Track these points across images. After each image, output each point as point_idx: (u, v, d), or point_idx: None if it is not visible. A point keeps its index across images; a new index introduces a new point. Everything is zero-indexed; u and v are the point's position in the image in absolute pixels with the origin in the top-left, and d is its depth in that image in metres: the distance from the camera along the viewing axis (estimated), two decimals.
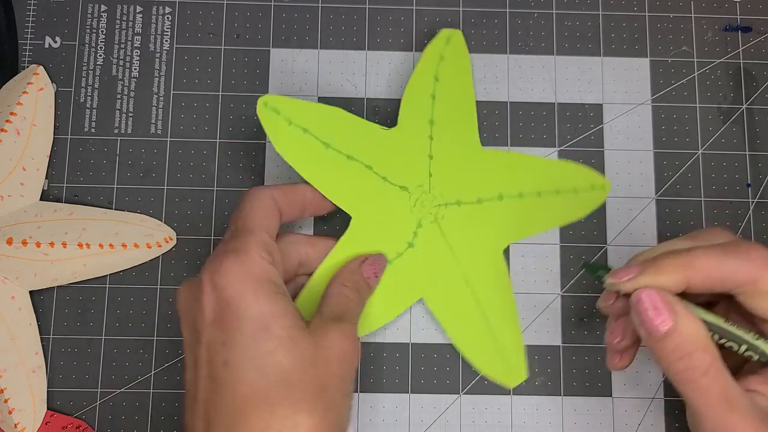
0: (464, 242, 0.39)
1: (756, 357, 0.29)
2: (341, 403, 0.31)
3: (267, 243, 0.32)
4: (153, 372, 0.39)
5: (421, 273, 0.38)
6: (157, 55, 0.42)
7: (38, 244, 0.37)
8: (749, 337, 0.29)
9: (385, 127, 0.39)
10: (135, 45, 0.42)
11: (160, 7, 0.42)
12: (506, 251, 0.40)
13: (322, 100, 0.41)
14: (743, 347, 0.29)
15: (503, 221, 0.39)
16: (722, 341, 0.29)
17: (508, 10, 0.42)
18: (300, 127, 0.37)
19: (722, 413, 0.28)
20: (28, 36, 0.41)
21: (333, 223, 0.40)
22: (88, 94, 0.41)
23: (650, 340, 0.29)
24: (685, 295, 0.30)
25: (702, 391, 0.28)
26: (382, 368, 0.39)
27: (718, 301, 0.32)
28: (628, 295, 0.30)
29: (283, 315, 0.29)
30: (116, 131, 0.41)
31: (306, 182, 0.37)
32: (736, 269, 0.29)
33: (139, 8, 0.42)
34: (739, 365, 0.31)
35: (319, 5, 0.42)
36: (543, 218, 0.39)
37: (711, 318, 0.30)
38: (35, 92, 0.40)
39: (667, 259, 0.30)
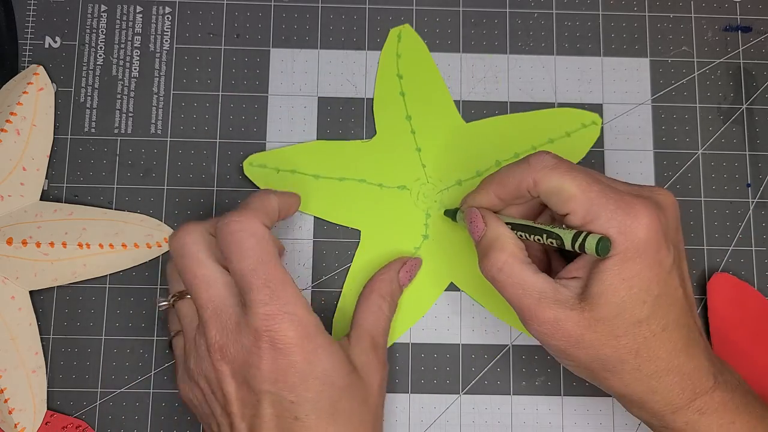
0: None
1: (555, 243, 0.32)
2: (383, 422, 0.35)
3: (296, 285, 0.32)
4: (153, 372, 0.39)
5: (444, 259, 0.39)
6: (157, 55, 0.42)
7: (38, 244, 0.37)
8: (548, 227, 0.32)
9: (365, 140, 0.40)
10: (135, 45, 0.42)
11: (160, 7, 0.42)
12: None
13: (322, 100, 0.41)
14: (545, 236, 0.32)
15: None
16: (532, 237, 0.33)
17: (508, 10, 0.42)
18: (288, 171, 0.40)
19: (517, 300, 0.32)
20: (28, 36, 0.41)
21: (333, 222, 0.40)
22: (88, 94, 0.41)
23: (475, 247, 0.35)
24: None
25: (499, 284, 0.33)
26: None
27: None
28: None
29: (341, 366, 0.32)
30: (116, 131, 0.41)
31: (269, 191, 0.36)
32: (521, 176, 0.33)
33: (139, 8, 0.42)
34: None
35: (319, 5, 0.42)
36: None
37: (518, 222, 0.34)
38: (35, 92, 0.40)
39: (482, 180, 0.35)
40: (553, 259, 0.36)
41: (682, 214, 0.40)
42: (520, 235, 0.33)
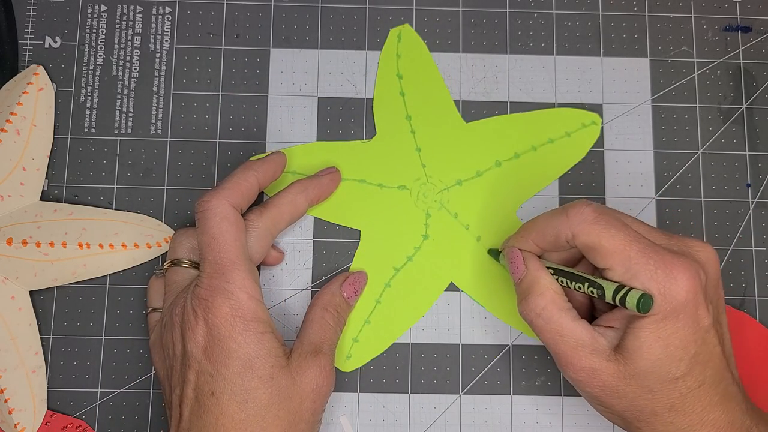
0: (476, 217, 0.40)
1: (596, 292, 0.32)
2: (313, 429, 0.34)
3: (251, 272, 0.34)
4: (153, 372, 0.39)
5: (444, 259, 0.39)
6: (157, 55, 0.42)
7: (38, 244, 0.37)
8: (590, 277, 0.32)
9: (365, 140, 0.40)
10: (135, 45, 0.42)
11: (160, 7, 0.42)
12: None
13: (322, 100, 0.41)
14: (586, 285, 0.32)
15: (507, 186, 0.40)
16: (572, 285, 0.33)
17: (508, 10, 0.42)
18: (288, 172, 0.40)
19: (555, 346, 0.32)
20: (28, 36, 0.41)
21: (333, 222, 0.40)
22: (88, 94, 0.41)
23: (515, 288, 0.35)
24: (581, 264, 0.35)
25: (537, 328, 0.33)
26: (382, 368, 0.39)
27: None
28: None
29: (267, 355, 0.32)
30: (116, 131, 0.41)
31: (251, 167, 0.36)
32: (559, 227, 0.33)
33: (139, 8, 0.42)
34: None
35: (319, 5, 0.42)
36: (545, 170, 0.40)
37: (559, 267, 0.34)
38: (35, 92, 0.40)
39: (522, 225, 0.36)
40: (594, 302, 0.36)
41: (682, 215, 0.41)
42: (561, 281, 0.34)
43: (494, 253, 0.39)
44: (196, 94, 0.41)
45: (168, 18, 0.42)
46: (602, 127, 0.41)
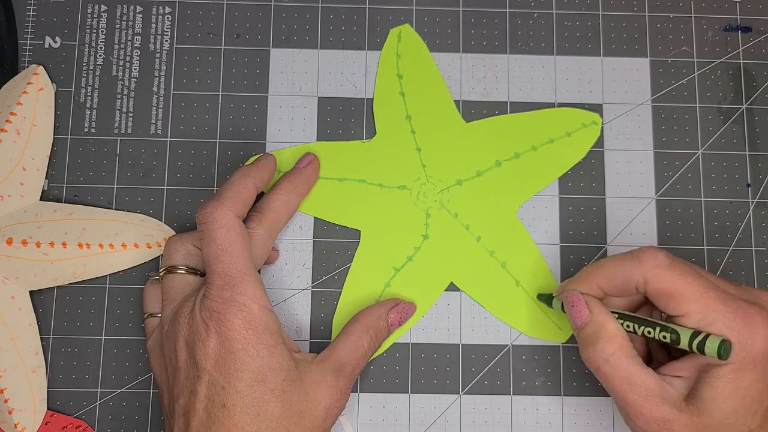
0: (476, 217, 0.40)
1: (669, 337, 0.31)
2: None
3: (260, 282, 0.33)
4: (152, 374, 0.39)
5: (444, 259, 0.39)
6: (157, 55, 0.42)
7: (38, 244, 0.37)
8: (662, 322, 0.32)
9: (365, 140, 0.40)
10: (135, 45, 0.42)
11: (160, 7, 0.42)
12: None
13: (322, 100, 0.41)
14: (657, 330, 0.32)
15: (507, 185, 0.40)
16: (641, 330, 0.32)
17: (508, 10, 0.42)
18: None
19: (623, 394, 0.31)
20: (28, 36, 0.41)
21: (333, 222, 0.40)
22: (88, 94, 0.41)
23: (575, 332, 0.34)
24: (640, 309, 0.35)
25: (604, 375, 0.32)
26: (382, 368, 0.39)
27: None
28: None
29: (279, 368, 0.32)
30: (116, 131, 0.41)
31: (247, 174, 0.36)
32: (630, 272, 0.32)
33: (139, 8, 0.42)
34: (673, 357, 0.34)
35: (319, 5, 0.42)
36: (545, 170, 0.40)
37: (625, 313, 0.33)
38: (35, 92, 0.40)
39: (583, 269, 0.35)
40: (653, 351, 0.36)
41: (682, 215, 0.41)
42: (626, 326, 0.33)
43: (544, 298, 0.38)
44: (196, 94, 0.41)
45: (168, 18, 0.42)
46: (602, 127, 0.41)
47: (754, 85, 0.42)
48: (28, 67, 0.41)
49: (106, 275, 0.39)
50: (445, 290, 0.40)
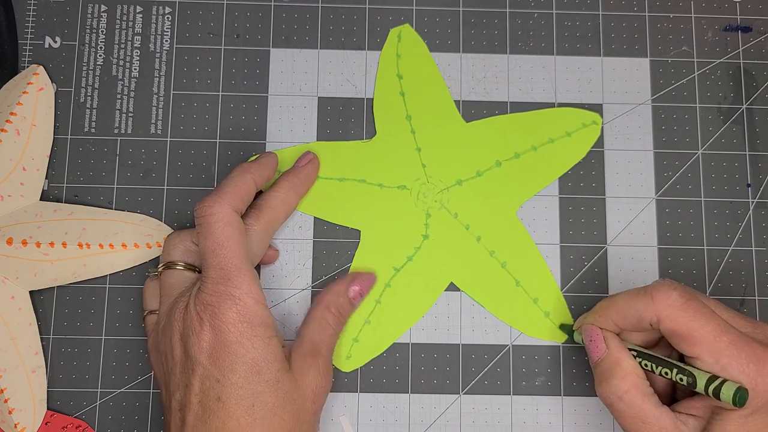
0: (476, 217, 0.40)
1: (686, 380, 0.31)
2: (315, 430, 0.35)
3: (255, 277, 0.34)
4: (153, 372, 0.39)
5: (444, 259, 0.39)
6: (157, 55, 0.42)
7: (38, 244, 0.37)
8: (680, 364, 0.32)
9: (365, 140, 0.40)
10: (135, 45, 0.42)
11: (160, 7, 0.42)
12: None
13: (322, 100, 0.41)
14: (674, 372, 0.32)
15: (507, 185, 0.40)
16: (658, 370, 0.32)
17: (508, 10, 0.42)
18: None
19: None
20: (28, 36, 0.41)
21: (333, 222, 0.40)
22: (88, 94, 0.41)
23: (592, 366, 0.34)
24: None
25: (618, 413, 0.32)
26: (382, 368, 0.39)
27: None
28: None
29: (273, 359, 0.33)
30: (116, 131, 0.41)
31: (247, 168, 0.36)
32: (643, 310, 0.32)
33: (139, 8, 0.42)
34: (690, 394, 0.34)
35: (319, 5, 0.42)
36: (545, 170, 0.40)
37: (644, 351, 0.33)
38: (35, 92, 0.40)
39: (600, 302, 0.35)
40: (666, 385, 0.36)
41: (682, 215, 0.41)
42: (644, 364, 0.33)
43: (566, 329, 0.38)
44: (196, 94, 0.41)
45: (168, 18, 0.42)
46: (602, 127, 0.41)
47: (754, 85, 0.42)
48: (28, 67, 0.41)
49: (106, 275, 0.39)
50: (445, 290, 0.40)
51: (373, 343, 0.39)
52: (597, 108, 0.41)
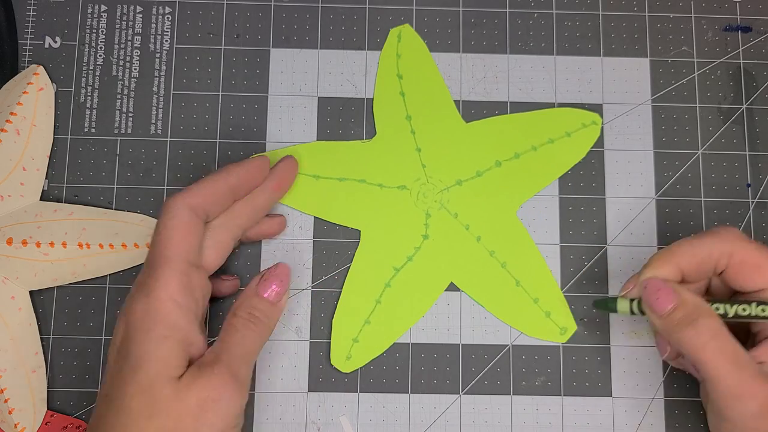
0: (476, 217, 0.40)
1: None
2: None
3: (182, 274, 0.32)
4: None
5: (444, 259, 0.39)
6: (157, 55, 0.42)
7: (38, 244, 0.37)
8: (755, 297, 0.32)
9: (365, 140, 0.40)
10: (135, 45, 0.42)
11: (160, 7, 0.42)
12: None
13: (322, 100, 0.41)
14: (753, 305, 0.31)
15: (507, 186, 0.40)
16: (733, 309, 0.32)
17: (508, 10, 0.42)
18: None
19: (734, 372, 0.30)
20: (28, 36, 0.41)
21: (333, 222, 0.40)
22: (88, 94, 0.41)
23: (659, 321, 0.32)
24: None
25: (712, 353, 0.30)
26: (382, 368, 0.39)
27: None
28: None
29: (155, 360, 0.30)
30: (116, 131, 0.41)
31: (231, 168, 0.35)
32: (712, 248, 0.33)
33: (139, 8, 0.42)
34: (743, 342, 0.32)
35: (319, 5, 0.42)
36: (545, 171, 0.40)
37: (713, 298, 0.33)
38: (35, 92, 0.40)
39: (656, 255, 0.34)
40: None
41: (682, 215, 0.41)
42: (716, 308, 0.32)
43: (602, 304, 0.35)
44: (196, 94, 0.41)
45: (168, 18, 0.42)
46: (602, 127, 0.41)
47: (754, 85, 0.42)
48: (28, 67, 0.41)
49: (106, 275, 0.39)
50: (445, 290, 0.40)
51: (373, 344, 0.39)
52: (597, 108, 0.41)
